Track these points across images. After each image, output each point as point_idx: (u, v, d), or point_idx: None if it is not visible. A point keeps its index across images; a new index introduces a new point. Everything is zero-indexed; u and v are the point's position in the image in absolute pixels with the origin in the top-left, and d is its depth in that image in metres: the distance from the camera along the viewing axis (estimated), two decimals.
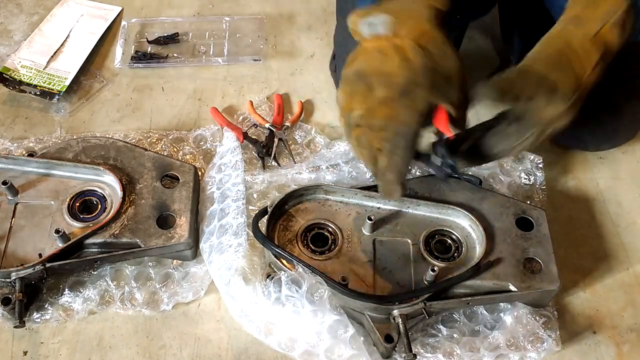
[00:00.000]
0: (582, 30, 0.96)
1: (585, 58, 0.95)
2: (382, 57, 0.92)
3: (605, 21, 0.96)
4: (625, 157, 1.40)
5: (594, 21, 0.96)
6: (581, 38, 0.96)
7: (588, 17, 0.96)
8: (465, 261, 1.12)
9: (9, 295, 1.09)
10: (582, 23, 0.96)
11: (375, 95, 0.93)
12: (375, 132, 0.95)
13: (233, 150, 1.29)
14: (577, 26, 0.96)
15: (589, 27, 0.96)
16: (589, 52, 0.95)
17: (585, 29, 0.96)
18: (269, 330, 1.08)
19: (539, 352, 1.07)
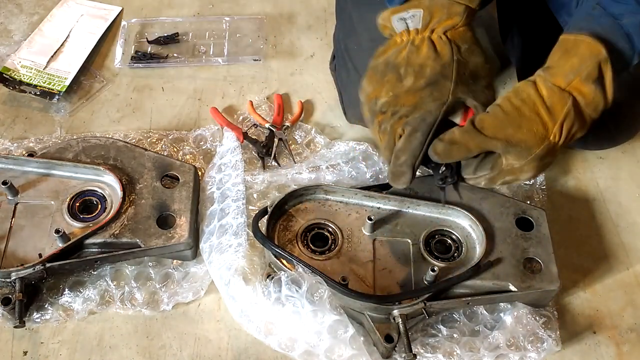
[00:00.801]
0: (551, 79, 0.93)
1: (552, 113, 0.92)
2: (413, 49, 0.97)
3: (576, 73, 0.91)
4: (625, 157, 1.40)
5: (562, 73, 0.92)
6: (549, 91, 0.93)
7: (558, 68, 0.93)
8: (465, 261, 1.12)
9: (9, 295, 1.09)
10: (552, 74, 0.93)
11: (403, 85, 0.97)
12: (398, 118, 0.98)
13: (233, 150, 1.29)
14: (547, 77, 0.93)
15: (558, 79, 0.92)
16: (556, 106, 0.92)
17: (554, 78, 0.93)
18: (269, 330, 1.08)
19: (539, 352, 1.07)
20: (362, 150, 1.33)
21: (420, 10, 0.96)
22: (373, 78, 1.02)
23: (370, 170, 1.29)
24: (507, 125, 0.93)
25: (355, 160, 1.31)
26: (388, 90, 1.00)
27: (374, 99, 1.01)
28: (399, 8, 0.99)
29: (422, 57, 0.97)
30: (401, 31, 1.00)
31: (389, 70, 1.00)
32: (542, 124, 0.93)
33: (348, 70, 1.35)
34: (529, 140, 0.93)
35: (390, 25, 1.00)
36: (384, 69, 1.00)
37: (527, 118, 0.93)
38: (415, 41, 0.98)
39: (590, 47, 0.91)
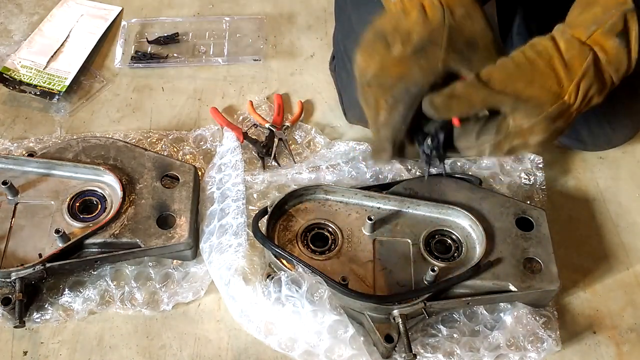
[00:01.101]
0: (570, 31, 0.85)
1: (569, 68, 0.84)
2: (402, 15, 0.87)
3: (599, 24, 0.83)
4: (625, 157, 1.40)
5: (584, 24, 0.84)
6: (567, 44, 0.84)
7: (578, 18, 0.85)
8: (465, 261, 1.12)
9: (9, 295, 1.09)
10: (572, 25, 0.85)
11: (391, 53, 0.88)
12: (383, 90, 0.91)
13: (233, 150, 1.29)
14: (566, 29, 0.85)
15: (578, 28, 0.84)
16: (574, 61, 0.84)
17: (573, 30, 0.84)
18: (269, 330, 1.08)
19: (539, 352, 1.07)
20: (362, 150, 1.33)
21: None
22: (364, 51, 0.93)
23: (370, 170, 1.29)
24: (517, 79, 0.84)
25: (355, 160, 1.31)
26: (376, 61, 0.90)
27: (365, 72, 0.92)
28: None
29: (410, 22, 0.86)
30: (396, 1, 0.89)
31: (377, 39, 0.90)
32: (557, 81, 0.84)
33: (348, 71, 1.35)
34: (541, 96, 0.84)
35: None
36: (373, 38, 0.91)
37: (540, 72, 0.84)
38: (406, 7, 0.87)
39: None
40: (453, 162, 1.34)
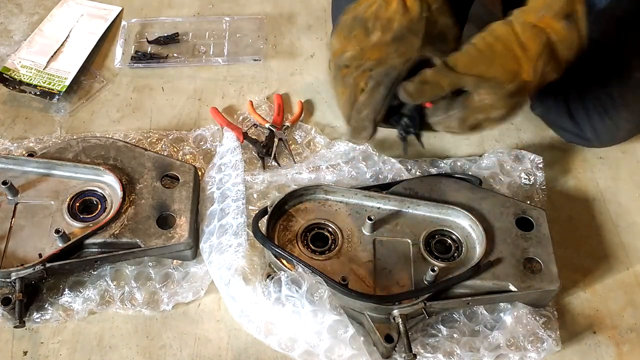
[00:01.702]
0: (524, 16, 0.93)
1: (526, 49, 0.92)
2: (382, 3, 0.96)
3: (549, 6, 0.91)
4: (625, 157, 1.40)
5: (535, 8, 0.92)
6: (522, 28, 0.92)
7: (532, 5, 0.93)
8: (465, 261, 1.12)
9: (9, 295, 1.09)
10: (525, 11, 0.94)
11: (370, 39, 0.97)
12: (362, 72, 0.99)
13: (233, 150, 1.29)
14: (520, 15, 0.93)
15: (530, 15, 0.92)
16: (530, 43, 0.91)
17: (527, 15, 0.93)
18: (269, 330, 1.08)
19: (539, 352, 1.07)
20: (362, 150, 1.33)
21: None
22: (341, 34, 1.01)
23: (370, 170, 1.29)
24: (479, 62, 0.93)
25: (355, 160, 1.31)
26: (354, 45, 0.99)
27: (341, 54, 1.01)
28: None
29: (390, 11, 0.96)
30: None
31: (356, 24, 0.99)
32: (515, 61, 0.92)
33: None
34: (501, 76, 0.92)
35: None
36: (351, 23, 0.99)
37: (499, 54, 0.92)
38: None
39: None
40: (453, 162, 1.34)
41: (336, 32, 1.03)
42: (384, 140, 1.40)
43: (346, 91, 1.02)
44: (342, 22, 1.02)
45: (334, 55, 1.03)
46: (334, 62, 1.04)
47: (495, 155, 1.33)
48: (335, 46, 1.03)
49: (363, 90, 1.00)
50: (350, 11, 1.02)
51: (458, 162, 1.35)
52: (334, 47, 1.04)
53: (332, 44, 1.04)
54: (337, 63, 1.03)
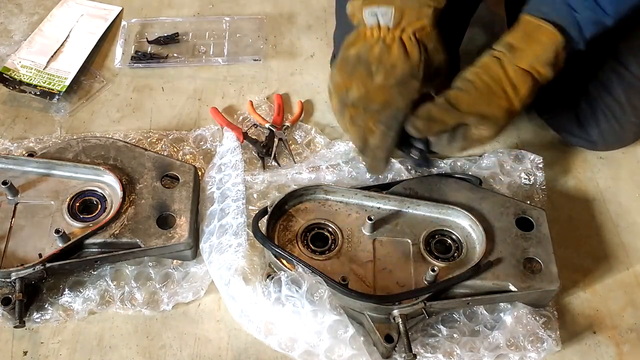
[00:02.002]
0: (515, 61, 1.03)
1: (516, 90, 1.03)
2: (384, 48, 1.01)
3: (538, 59, 1.02)
4: (625, 157, 1.40)
5: (527, 56, 1.03)
6: (514, 72, 1.03)
7: (523, 50, 1.03)
8: (465, 261, 1.12)
9: (9, 295, 1.09)
10: (516, 55, 1.03)
11: (374, 81, 1.02)
12: (370, 114, 1.06)
13: (233, 150, 1.29)
14: (511, 57, 1.03)
15: (522, 61, 1.03)
16: (520, 84, 1.03)
17: (518, 61, 1.03)
18: (269, 330, 1.08)
19: (539, 352, 1.07)
20: None
21: (391, 7, 0.99)
22: (344, 70, 1.06)
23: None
24: (479, 102, 1.04)
25: (355, 160, 1.31)
26: (359, 85, 1.05)
27: (344, 90, 1.06)
28: (371, 1, 1.01)
29: (393, 58, 1.01)
30: (372, 25, 1.02)
31: (360, 65, 1.04)
32: (507, 100, 1.04)
33: None
34: (497, 113, 1.05)
35: (360, 16, 1.02)
36: (355, 62, 1.04)
37: (496, 95, 1.04)
38: (387, 39, 1.01)
39: (551, 35, 1.01)
40: (453, 162, 1.34)
41: (339, 67, 1.07)
42: None
43: (357, 130, 1.10)
44: (345, 57, 1.06)
45: (336, 89, 1.08)
46: (337, 96, 1.09)
47: (495, 155, 1.33)
48: (337, 80, 1.08)
49: (372, 130, 1.08)
50: (351, 47, 1.05)
51: (458, 162, 1.35)
52: (336, 80, 1.08)
53: (334, 77, 1.08)
54: (342, 99, 1.08)
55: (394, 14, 0.99)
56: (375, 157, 1.13)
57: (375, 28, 1.02)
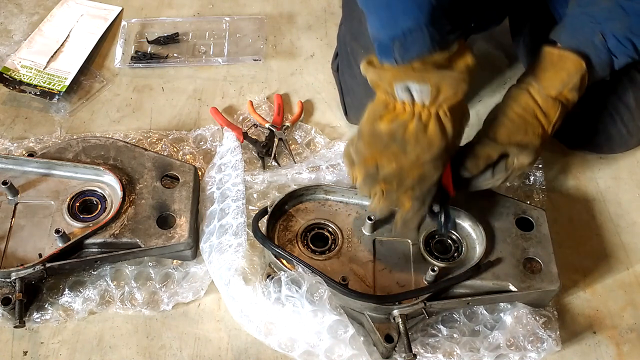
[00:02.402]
0: (545, 91, 1.06)
1: (548, 117, 1.07)
2: (421, 126, 0.96)
3: (565, 85, 1.05)
4: (625, 157, 1.40)
5: (554, 86, 1.06)
6: (543, 100, 1.06)
7: (550, 79, 1.06)
8: (465, 261, 1.12)
9: (9, 295, 1.09)
10: (544, 85, 1.06)
11: (408, 157, 0.98)
12: (404, 189, 1.02)
13: (233, 150, 1.29)
14: (539, 88, 1.06)
15: (550, 91, 1.06)
16: (550, 111, 1.06)
17: (547, 90, 1.06)
18: (269, 330, 1.08)
19: (539, 352, 1.07)
20: None
21: (428, 85, 0.92)
22: (374, 145, 0.99)
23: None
24: (516, 132, 1.07)
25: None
26: (391, 161, 0.99)
27: (374, 165, 1.01)
28: (403, 75, 0.92)
29: (430, 135, 0.96)
30: (404, 100, 0.95)
31: (394, 142, 0.97)
32: (541, 126, 1.07)
33: (353, 73, 1.34)
34: (534, 140, 1.07)
35: (390, 89, 0.94)
36: (388, 140, 0.97)
37: (530, 124, 1.07)
38: (423, 116, 0.95)
39: (576, 63, 1.04)
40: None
41: (367, 142, 1.00)
42: None
43: (387, 204, 1.06)
44: (375, 133, 0.98)
45: (364, 163, 1.01)
46: (365, 170, 1.02)
47: None
48: (365, 154, 1.01)
49: (405, 206, 1.05)
50: (382, 122, 0.97)
51: None
52: (363, 154, 1.01)
53: (361, 149, 1.01)
54: (370, 173, 1.02)
55: (431, 91, 0.93)
56: (409, 227, 1.09)
57: (408, 104, 0.95)
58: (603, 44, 1.05)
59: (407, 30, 0.89)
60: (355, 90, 1.37)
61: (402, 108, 0.96)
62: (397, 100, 0.95)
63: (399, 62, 0.91)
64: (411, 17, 0.88)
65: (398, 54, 0.91)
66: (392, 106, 0.97)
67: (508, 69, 1.56)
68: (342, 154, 1.07)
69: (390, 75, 0.93)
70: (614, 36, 1.05)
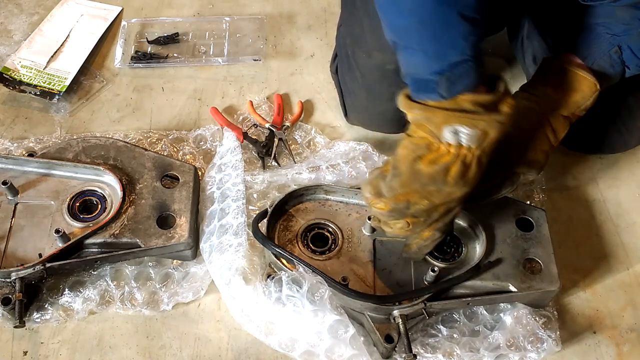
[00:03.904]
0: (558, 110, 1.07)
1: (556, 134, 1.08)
2: (463, 168, 0.93)
3: (578, 107, 1.07)
4: (625, 157, 1.40)
5: (567, 107, 1.07)
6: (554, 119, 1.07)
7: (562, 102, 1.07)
8: (466, 262, 1.12)
9: (9, 295, 1.09)
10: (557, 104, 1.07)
11: (441, 195, 0.96)
12: (429, 223, 1.02)
13: (233, 150, 1.29)
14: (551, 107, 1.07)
15: (562, 111, 1.07)
16: (559, 129, 1.08)
17: (560, 110, 1.07)
18: (269, 330, 1.08)
19: (539, 353, 1.07)
20: (362, 150, 1.33)
21: (477, 130, 0.90)
22: (411, 185, 0.95)
23: (370, 170, 1.29)
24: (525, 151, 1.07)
25: (355, 160, 1.31)
26: (424, 198, 0.97)
27: (406, 202, 0.97)
28: (454, 119, 0.89)
29: (470, 176, 0.94)
30: (449, 142, 0.91)
31: (434, 183, 0.95)
32: (549, 144, 1.08)
33: (354, 76, 1.34)
34: (541, 158, 1.09)
35: (437, 132, 0.91)
36: (429, 181, 0.94)
37: (539, 140, 1.08)
38: (466, 159, 0.93)
39: (590, 86, 1.06)
40: None
41: (405, 181, 0.96)
42: (384, 140, 1.40)
43: (411, 237, 1.06)
44: (414, 174, 0.95)
45: (395, 199, 0.97)
46: (395, 204, 0.98)
47: None
48: (398, 190, 0.97)
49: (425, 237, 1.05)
50: (422, 163, 0.94)
51: None
52: (395, 190, 0.97)
53: (394, 187, 0.96)
54: (400, 209, 0.98)
55: (479, 136, 0.91)
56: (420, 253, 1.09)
57: (453, 145, 0.92)
58: (619, 56, 1.06)
59: (455, 64, 0.86)
60: (356, 92, 1.36)
61: (445, 150, 0.92)
62: (442, 142, 0.92)
63: (445, 97, 0.88)
64: (459, 50, 0.86)
65: (444, 89, 0.88)
66: (435, 147, 0.93)
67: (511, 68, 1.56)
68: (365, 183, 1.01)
69: (440, 117, 0.90)
70: (630, 48, 1.05)
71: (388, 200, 0.98)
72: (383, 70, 1.25)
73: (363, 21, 1.28)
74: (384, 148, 1.37)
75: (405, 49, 0.90)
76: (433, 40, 0.87)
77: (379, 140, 1.40)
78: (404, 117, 0.95)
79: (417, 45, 0.89)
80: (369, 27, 1.26)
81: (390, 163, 0.99)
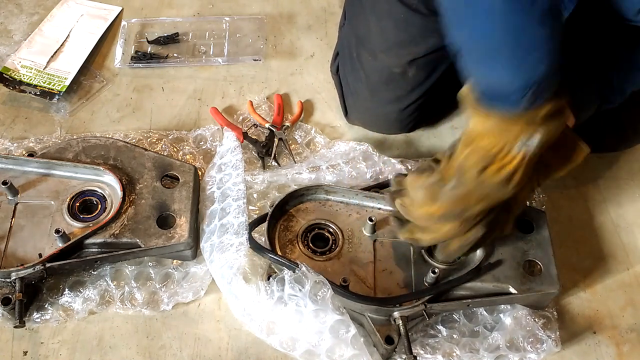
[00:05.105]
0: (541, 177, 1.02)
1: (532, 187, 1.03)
2: (526, 170, 0.91)
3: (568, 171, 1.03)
4: (625, 157, 1.40)
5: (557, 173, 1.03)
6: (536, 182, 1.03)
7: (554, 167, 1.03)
8: (466, 263, 1.12)
9: (9, 295, 1.09)
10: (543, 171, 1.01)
11: (498, 197, 0.94)
12: (476, 223, 0.99)
13: (233, 150, 1.29)
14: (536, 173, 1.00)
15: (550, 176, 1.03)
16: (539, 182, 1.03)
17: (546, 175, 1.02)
18: (270, 329, 1.08)
19: (539, 353, 1.07)
20: (362, 150, 1.33)
21: (539, 136, 0.87)
22: (475, 192, 0.94)
23: (370, 170, 1.29)
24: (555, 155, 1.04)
25: (355, 160, 1.31)
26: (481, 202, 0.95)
27: (463, 206, 0.96)
28: (532, 129, 0.87)
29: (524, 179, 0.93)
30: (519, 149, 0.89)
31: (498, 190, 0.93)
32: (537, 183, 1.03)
33: (358, 77, 1.33)
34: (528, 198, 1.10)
35: (513, 142, 0.88)
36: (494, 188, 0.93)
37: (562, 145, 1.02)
38: (529, 164, 0.91)
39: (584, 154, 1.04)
40: None
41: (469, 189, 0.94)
42: (384, 140, 1.40)
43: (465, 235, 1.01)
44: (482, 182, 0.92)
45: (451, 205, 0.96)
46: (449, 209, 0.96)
47: None
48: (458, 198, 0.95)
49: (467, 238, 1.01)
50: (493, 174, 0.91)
51: None
52: (455, 198, 0.95)
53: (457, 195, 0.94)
54: (453, 214, 0.97)
55: (547, 140, 0.89)
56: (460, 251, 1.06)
57: (521, 152, 0.89)
58: None
59: (544, 75, 0.82)
60: (359, 93, 1.36)
61: (512, 157, 0.89)
62: (513, 150, 0.89)
63: (528, 109, 0.85)
64: (547, 62, 0.81)
65: (528, 102, 0.84)
66: (502, 156, 0.90)
67: None
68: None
69: (519, 129, 0.87)
70: None
71: (443, 205, 0.96)
72: (389, 73, 1.25)
73: (369, 21, 1.27)
74: (384, 148, 1.37)
75: (487, 62, 0.85)
76: (523, 52, 0.81)
77: (379, 140, 1.40)
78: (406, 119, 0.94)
79: (506, 59, 0.82)
80: (375, 27, 1.25)
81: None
